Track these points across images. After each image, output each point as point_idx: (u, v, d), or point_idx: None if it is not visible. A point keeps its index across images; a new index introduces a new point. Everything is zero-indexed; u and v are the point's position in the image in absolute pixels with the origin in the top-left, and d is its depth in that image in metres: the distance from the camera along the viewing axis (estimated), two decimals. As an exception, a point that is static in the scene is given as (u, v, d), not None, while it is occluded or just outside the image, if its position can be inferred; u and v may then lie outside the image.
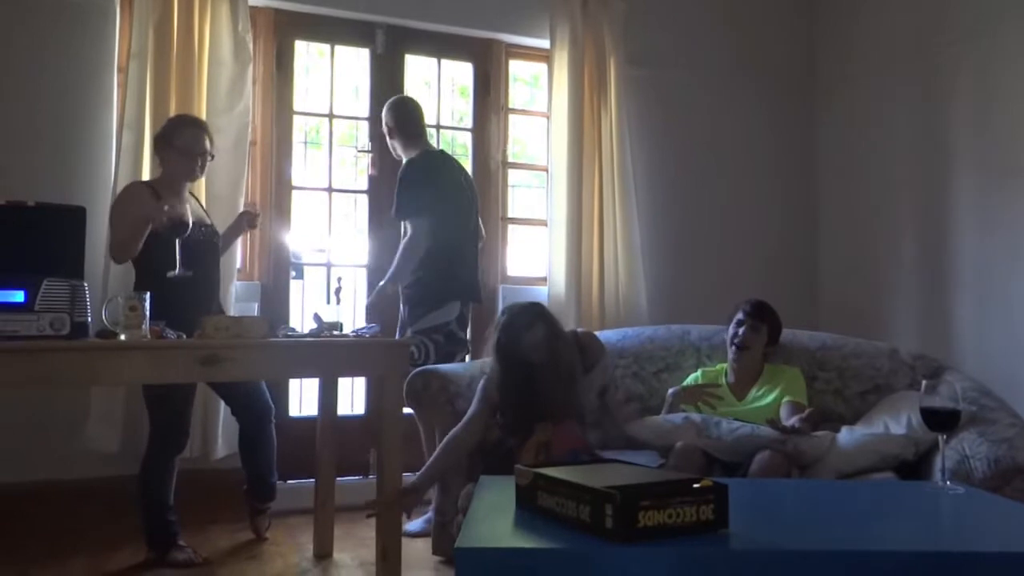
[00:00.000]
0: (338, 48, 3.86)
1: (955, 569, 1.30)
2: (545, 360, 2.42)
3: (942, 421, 1.83)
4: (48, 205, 2.39)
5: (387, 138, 3.43)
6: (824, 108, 4.60)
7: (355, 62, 3.94)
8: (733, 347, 2.84)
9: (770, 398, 2.76)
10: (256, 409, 3.00)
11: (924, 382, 1.86)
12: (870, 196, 4.27)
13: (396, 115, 3.38)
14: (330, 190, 3.83)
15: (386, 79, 3.87)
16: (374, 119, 3.78)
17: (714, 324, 3.14)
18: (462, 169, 3.54)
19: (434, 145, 3.56)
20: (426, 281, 3.28)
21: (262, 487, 3.07)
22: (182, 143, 2.85)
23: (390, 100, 3.46)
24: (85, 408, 3.16)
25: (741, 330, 2.82)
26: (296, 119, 3.78)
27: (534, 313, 2.48)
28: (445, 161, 3.43)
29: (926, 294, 3.92)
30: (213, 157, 2.97)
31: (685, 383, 2.87)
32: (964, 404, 2.10)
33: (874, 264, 4.22)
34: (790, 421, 2.52)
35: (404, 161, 3.35)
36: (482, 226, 3.59)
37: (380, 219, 3.77)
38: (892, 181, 4.13)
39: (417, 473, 2.50)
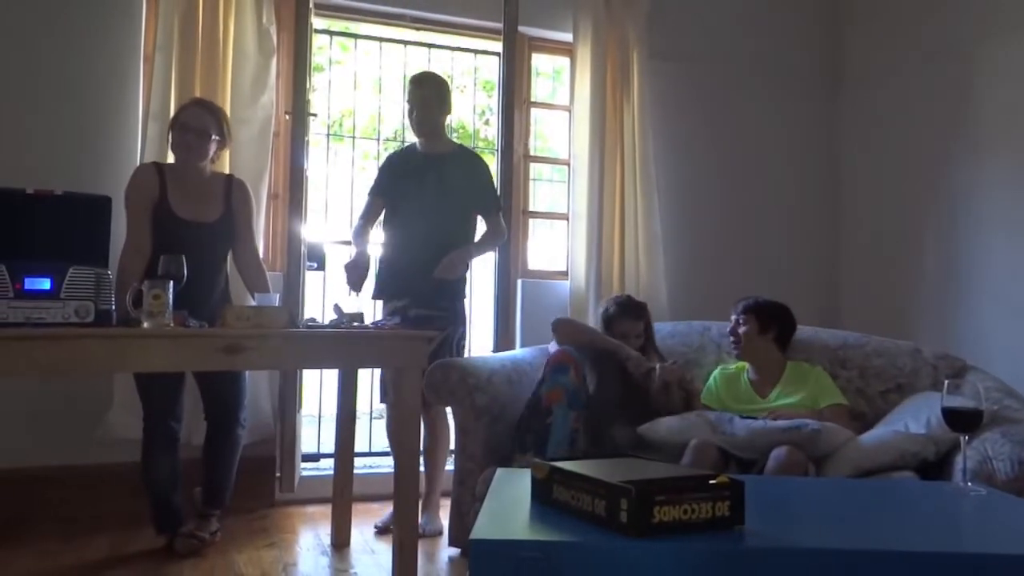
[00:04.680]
0: (361, 41, 3.86)
1: (974, 571, 1.29)
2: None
3: (964, 421, 1.81)
4: (74, 195, 2.43)
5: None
6: (848, 104, 4.55)
7: (377, 56, 3.95)
8: (732, 347, 2.94)
9: (795, 399, 2.74)
10: (226, 416, 2.95)
11: (946, 382, 1.84)
12: (894, 193, 4.22)
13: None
14: (352, 182, 3.84)
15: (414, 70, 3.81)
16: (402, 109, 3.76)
17: (734, 321, 3.13)
18: (436, 165, 3.23)
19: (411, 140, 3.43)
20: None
21: (215, 493, 2.97)
22: (179, 118, 2.87)
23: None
24: (108, 395, 3.21)
25: (731, 328, 2.95)
26: (320, 111, 3.78)
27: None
28: (401, 158, 3.34)
29: (951, 293, 3.87)
30: (221, 142, 2.93)
31: (707, 384, 2.94)
32: (987, 404, 2.07)
33: (898, 262, 4.18)
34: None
35: None
36: (503, 222, 3.36)
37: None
38: (917, 178, 4.08)
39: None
